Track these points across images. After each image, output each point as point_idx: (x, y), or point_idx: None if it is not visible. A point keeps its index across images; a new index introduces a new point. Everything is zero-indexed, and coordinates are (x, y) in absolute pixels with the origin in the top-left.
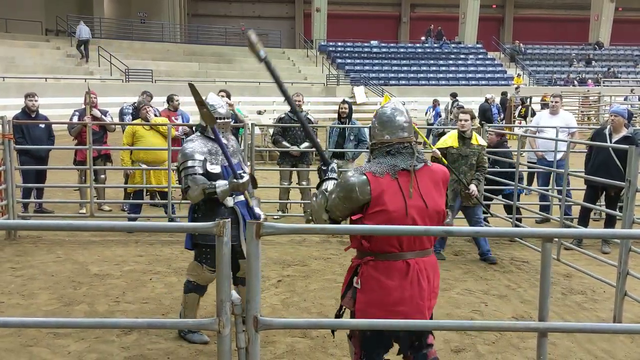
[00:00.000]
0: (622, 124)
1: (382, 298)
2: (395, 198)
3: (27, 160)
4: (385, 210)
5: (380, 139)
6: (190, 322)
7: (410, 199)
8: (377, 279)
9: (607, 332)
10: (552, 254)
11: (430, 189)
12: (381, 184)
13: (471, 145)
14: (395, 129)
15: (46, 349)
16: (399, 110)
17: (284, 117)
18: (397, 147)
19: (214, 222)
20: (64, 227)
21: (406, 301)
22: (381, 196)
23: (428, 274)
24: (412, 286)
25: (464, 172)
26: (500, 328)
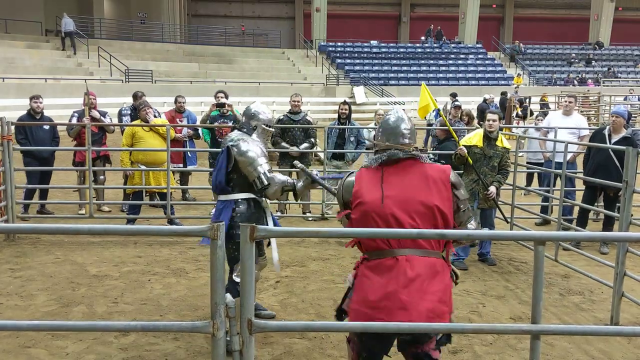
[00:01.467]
0: (622, 125)
1: (368, 294)
2: (371, 189)
3: (31, 162)
4: (362, 202)
5: (382, 146)
6: (185, 324)
7: (387, 190)
8: (367, 276)
9: (600, 335)
10: (551, 255)
11: (419, 183)
12: (362, 178)
13: (496, 147)
14: (397, 136)
15: (44, 350)
16: (402, 118)
17: (282, 119)
18: (392, 153)
19: (207, 225)
20: (57, 230)
21: (389, 296)
22: (360, 189)
23: (420, 272)
24: (397, 280)
25: (484, 173)
26: (494, 331)
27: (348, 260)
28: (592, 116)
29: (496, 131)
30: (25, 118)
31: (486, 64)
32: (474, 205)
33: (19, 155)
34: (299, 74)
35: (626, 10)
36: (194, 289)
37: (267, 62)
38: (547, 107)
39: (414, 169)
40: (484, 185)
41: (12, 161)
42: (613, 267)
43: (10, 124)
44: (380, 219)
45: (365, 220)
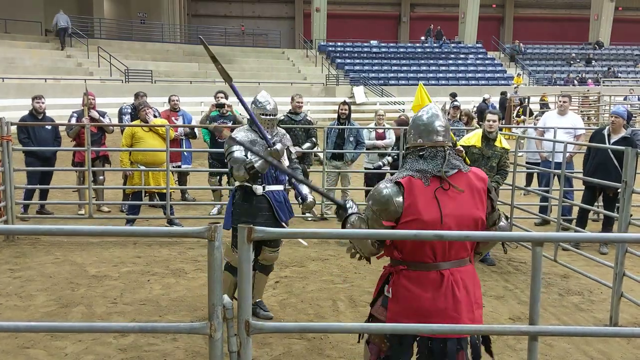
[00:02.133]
0: (621, 125)
1: (414, 309)
2: (429, 206)
3: (33, 162)
4: (419, 220)
5: (414, 143)
6: (182, 326)
7: (445, 208)
8: (409, 289)
9: (598, 336)
10: (550, 255)
11: (467, 197)
12: (414, 191)
13: (494, 147)
14: (430, 133)
15: (43, 351)
16: (436, 115)
17: (284, 119)
18: (430, 151)
19: (205, 226)
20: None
21: (439, 313)
22: (414, 204)
23: (466, 284)
24: (446, 298)
25: None
26: (492, 331)
27: (347, 261)
28: (592, 116)
29: (495, 132)
30: (27, 118)
31: (486, 64)
32: None
33: (19, 156)
34: (299, 74)
35: (626, 10)
36: (193, 289)
37: (267, 62)
38: (547, 107)
39: (462, 182)
40: None
41: (12, 162)
42: (612, 268)
43: (10, 124)
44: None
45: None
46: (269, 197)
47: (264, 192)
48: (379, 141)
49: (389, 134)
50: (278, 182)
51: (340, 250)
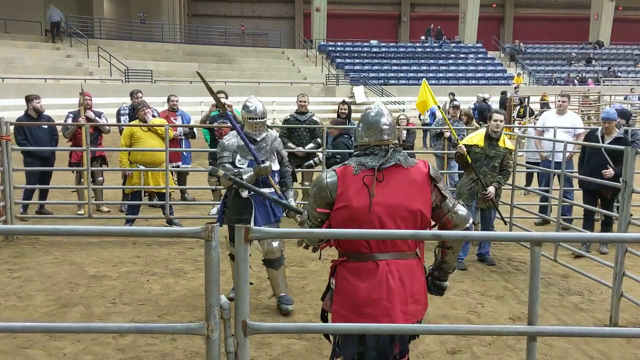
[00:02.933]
0: (614, 127)
1: (352, 299)
2: (359, 195)
3: (32, 162)
4: (349, 207)
5: (361, 142)
6: (179, 326)
7: (374, 197)
8: (348, 280)
9: (597, 336)
10: (550, 255)
11: (404, 188)
12: (347, 180)
13: (497, 147)
14: (376, 133)
15: (42, 351)
16: (382, 114)
17: (289, 119)
18: (372, 149)
19: (202, 227)
20: (54, 231)
21: (374, 303)
22: (346, 192)
23: (402, 276)
24: (380, 288)
25: (484, 173)
26: (490, 332)
27: None
28: (593, 115)
29: (500, 132)
30: (23, 119)
31: (486, 64)
32: (472, 204)
33: (17, 156)
34: (299, 74)
35: (626, 9)
36: (192, 289)
37: (267, 62)
38: (547, 107)
39: (399, 174)
40: (483, 185)
41: (11, 161)
42: (612, 267)
43: (9, 124)
44: (366, 225)
45: (349, 225)
46: (253, 200)
47: (248, 195)
48: None
49: None
50: (266, 185)
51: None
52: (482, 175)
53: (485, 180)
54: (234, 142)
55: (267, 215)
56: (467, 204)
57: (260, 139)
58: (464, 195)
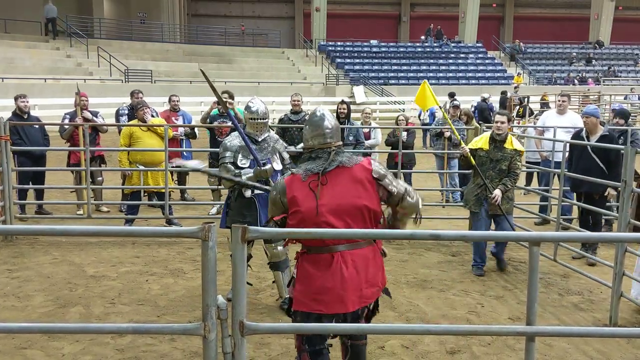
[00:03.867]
0: (596, 125)
1: (309, 287)
2: (306, 199)
3: (25, 162)
4: (299, 211)
5: (306, 145)
6: (176, 327)
7: (321, 199)
8: (307, 269)
9: (596, 336)
10: (549, 254)
11: (348, 188)
12: (295, 186)
13: (504, 149)
14: (318, 136)
15: (40, 352)
16: (324, 118)
17: (283, 119)
18: (317, 152)
19: (199, 226)
20: (52, 231)
21: (328, 291)
22: (295, 198)
23: (357, 265)
24: (333, 277)
25: (491, 177)
26: (489, 332)
27: None
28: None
29: (504, 133)
30: (13, 119)
31: (486, 64)
32: (480, 211)
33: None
34: (299, 74)
35: (626, 9)
36: (192, 289)
37: (266, 61)
38: (548, 107)
39: (343, 175)
40: (490, 190)
41: (10, 162)
42: (612, 267)
43: (8, 124)
44: (315, 226)
45: (302, 226)
46: (257, 199)
47: (252, 195)
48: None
49: (374, 134)
50: (268, 185)
51: None
52: (489, 180)
53: (493, 184)
54: (236, 142)
55: None
56: (474, 211)
57: (262, 140)
58: (470, 202)
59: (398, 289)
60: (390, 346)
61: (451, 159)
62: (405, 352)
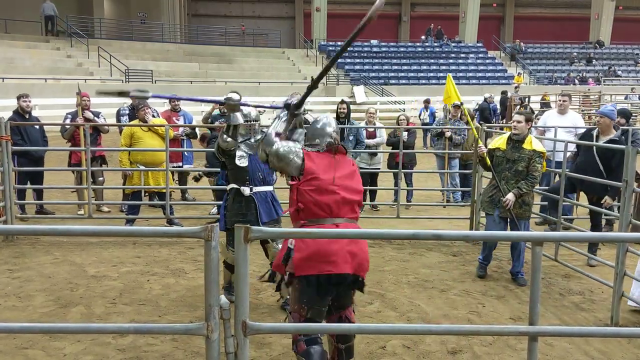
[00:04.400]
0: (609, 126)
1: (315, 252)
2: (325, 170)
3: (25, 162)
4: (317, 177)
5: (312, 142)
6: (178, 326)
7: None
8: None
9: (598, 336)
10: (550, 254)
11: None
12: (313, 157)
13: (522, 150)
14: (324, 137)
15: (41, 352)
16: (329, 124)
17: None
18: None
19: (202, 227)
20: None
21: (337, 252)
22: (313, 167)
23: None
24: (339, 241)
25: (506, 178)
26: (491, 332)
27: None
28: (594, 115)
29: (522, 133)
30: (16, 118)
31: (487, 63)
32: (494, 213)
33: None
34: (299, 74)
35: (627, 9)
36: (193, 289)
37: (267, 61)
38: (548, 107)
39: (347, 161)
40: (503, 192)
41: (11, 162)
42: (613, 267)
43: (9, 125)
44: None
45: (319, 192)
46: (256, 198)
47: (251, 194)
48: (369, 140)
49: (379, 133)
50: (265, 183)
51: None
52: (505, 181)
53: (508, 186)
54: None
55: (269, 212)
56: (488, 212)
57: (255, 140)
58: (484, 203)
59: (399, 289)
60: (391, 346)
61: (452, 159)
62: (407, 352)
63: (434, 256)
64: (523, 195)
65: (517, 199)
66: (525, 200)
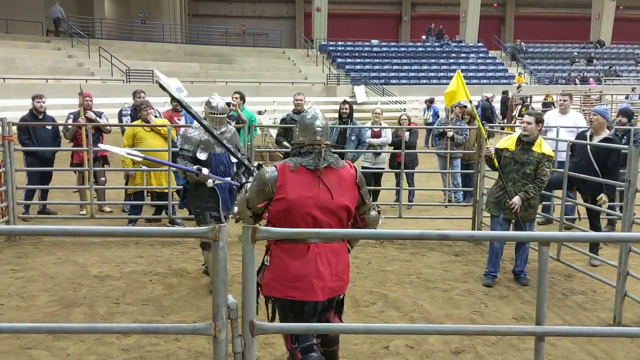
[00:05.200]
0: (602, 125)
1: (284, 274)
2: (296, 189)
3: (33, 162)
4: (286, 199)
5: (297, 141)
6: (185, 326)
7: (309, 192)
8: (282, 258)
9: (604, 336)
10: (553, 254)
11: (334, 187)
12: (286, 176)
13: (531, 152)
14: (309, 133)
15: (45, 352)
16: (316, 117)
17: (286, 118)
18: (307, 148)
19: (209, 226)
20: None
21: (302, 278)
22: (284, 186)
23: (328, 257)
24: (309, 266)
25: (513, 179)
26: (497, 332)
27: (349, 261)
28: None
29: (533, 135)
30: (27, 118)
31: (487, 63)
32: (499, 215)
33: (19, 156)
34: (300, 74)
35: (627, 9)
36: (195, 289)
37: (267, 61)
38: (550, 107)
39: (331, 175)
40: (509, 194)
41: (14, 162)
42: (616, 267)
43: (11, 125)
44: (300, 217)
45: (285, 215)
46: (217, 189)
47: (213, 185)
48: (374, 139)
49: (384, 132)
50: (228, 175)
51: None
52: (512, 183)
53: (515, 188)
54: (195, 135)
55: (227, 203)
56: (493, 214)
57: (220, 132)
58: (490, 204)
59: (402, 289)
60: (394, 346)
61: (453, 159)
62: (410, 351)
63: (436, 256)
64: (529, 198)
65: (522, 202)
66: (531, 202)
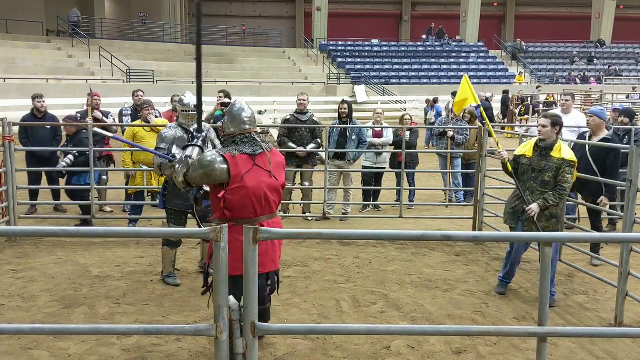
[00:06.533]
0: (599, 126)
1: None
2: (251, 176)
3: (34, 162)
4: (244, 186)
5: (228, 132)
6: (187, 328)
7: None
8: (239, 239)
9: (607, 337)
10: None
11: (274, 169)
12: (238, 163)
13: (549, 158)
14: (238, 124)
15: (46, 352)
16: (243, 108)
17: (289, 118)
18: (239, 138)
19: (210, 227)
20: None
21: (263, 253)
22: (238, 175)
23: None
24: (266, 242)
25: (531, 188)
26: (500, 333)
27: (350, 260)
28: None
29: (550, 139)
30: (28, 118)
31: (488, 63)
32: (518, 227)
33: (20, 156)
34: (300, 73)
35: (627, 8)
36: (196, 289)
37: (268, 61)
38: (555, 106)
39: (266, 157)
40: (527, 203)
41: (14, 162)
42: (617, 267)
43: (12, 125)
44: (256, 199)
45: (242, 199)
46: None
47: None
48: (375, 139)
49: (386, 132)
50: None
51: (343, 250)
52: (530, 192)
53: (533, 197)
54: (171, 133)
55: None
56: (511, 226)
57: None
58: (507, 215)
59: (403, 289)
60: (395, 346)
61: (454, 159)
62: (411, 352)
63: (437, 256)
64: (550, 207)
65: (542, 210)
66: (553, 212)
